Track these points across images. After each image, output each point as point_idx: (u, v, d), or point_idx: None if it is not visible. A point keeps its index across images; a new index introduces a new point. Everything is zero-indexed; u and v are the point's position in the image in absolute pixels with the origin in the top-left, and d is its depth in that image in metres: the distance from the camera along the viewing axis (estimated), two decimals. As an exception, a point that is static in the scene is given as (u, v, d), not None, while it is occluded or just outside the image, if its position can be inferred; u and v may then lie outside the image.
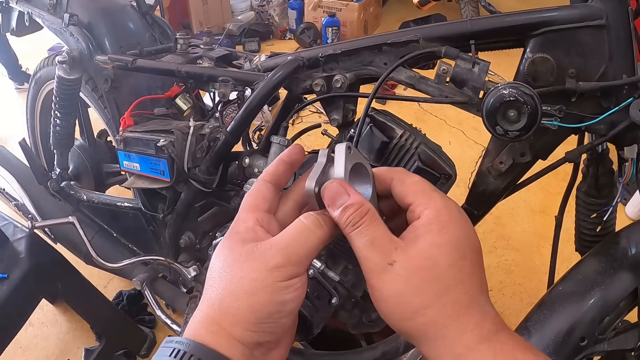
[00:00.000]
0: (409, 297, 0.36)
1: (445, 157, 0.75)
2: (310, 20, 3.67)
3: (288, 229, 0.39)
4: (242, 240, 0.38)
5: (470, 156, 2.24)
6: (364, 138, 0.75)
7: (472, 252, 0.38)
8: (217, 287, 0.37)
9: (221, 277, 0.37)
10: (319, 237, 0.39)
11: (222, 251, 0.39)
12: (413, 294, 0.36)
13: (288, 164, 0.44)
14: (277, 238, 0.38)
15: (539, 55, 0.65)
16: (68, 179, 1.39)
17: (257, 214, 0.40)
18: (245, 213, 0.41)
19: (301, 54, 0.84)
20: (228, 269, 0.37)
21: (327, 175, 0.42)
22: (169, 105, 1.11)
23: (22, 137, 1.36)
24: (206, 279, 0.39)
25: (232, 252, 0.38)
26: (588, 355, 0.68)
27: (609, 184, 0.79)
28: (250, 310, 0.35)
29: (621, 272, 0.69)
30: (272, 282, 0.36)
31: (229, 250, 0.38)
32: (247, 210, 0.41)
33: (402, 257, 0.37)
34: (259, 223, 0.40)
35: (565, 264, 0.79)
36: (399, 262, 0.36)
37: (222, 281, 0.37)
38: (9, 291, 1.09)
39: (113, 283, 1.73)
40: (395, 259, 0.37)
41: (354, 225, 0.38)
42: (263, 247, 0.37)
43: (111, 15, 1.23)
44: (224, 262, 0.38)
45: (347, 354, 1.00)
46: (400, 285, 0.36)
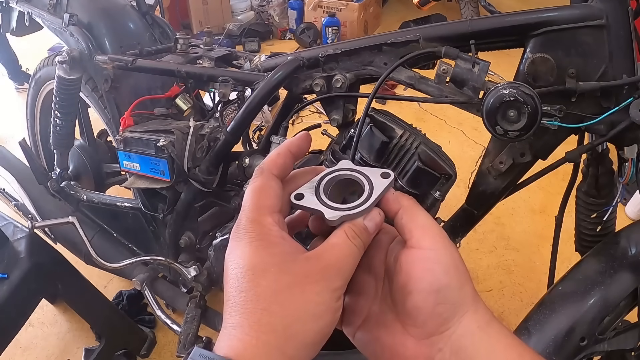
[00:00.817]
0: (463, 266, 0.39)
1: (445, 157, 0.75)
2: (310, 20, 3.67)
3: (338, 247, 0.37)
4: (286, 254, 0.35)
5: (470, 156, 2.23)
6: (364, 138, 0.75)
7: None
8: (278, 312, 0.33)
9: (282, 302, 0.33)
10: (360, 256, 0.38)
11: (268, 268, 0.34)
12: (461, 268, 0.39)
13: (294, 156, 0.41)
14: (331, 256, 0.36)
15: (539, 55, 0.65)
16: (68, 179, 1.39)
17: (275, 217, 0.37)
18: (261, 215, 0.37)
19: (301, 54, 0.84)
20: (288, 292, 0.34)
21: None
22: (169, 105, 1.11)
23: (22, 137, 1.36)
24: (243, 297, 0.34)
25: (285, 272, 0.34)
26: (588, 355, 0.68)
27: (609, 184, 0.79)
28: (317, 334, 0.34)
29: (621, 272, 0.69)
30: (334, 303, 0.35)
31: (277, 268, 0.34)
32: (266, 211, 0.37)
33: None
34: (282, 227, 0.37)
35: (565, 264, 0.79)
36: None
37: (283, 306, 0.33)
38: (9, 291, 1.09)
39: (113, 283, 1.73)
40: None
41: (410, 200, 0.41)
42: (319, 265, 0.35)
43: (111, 15, 1.23)
44: (278, 283, 0.34)
45: (347, 354, 1.00)
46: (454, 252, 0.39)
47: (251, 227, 0.36)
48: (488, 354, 0.37)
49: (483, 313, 0.38)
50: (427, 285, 0.37)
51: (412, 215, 0.40)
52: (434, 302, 0.37)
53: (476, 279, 1.72)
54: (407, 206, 0.40)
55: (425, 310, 0.38)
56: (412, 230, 0.39)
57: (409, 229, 0.39)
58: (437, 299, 0.37)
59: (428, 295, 0.37)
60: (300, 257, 0.36)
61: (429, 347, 0.38)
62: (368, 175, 0.41)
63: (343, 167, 0.42)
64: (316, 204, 0.39)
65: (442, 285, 0.37)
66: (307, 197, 0.40)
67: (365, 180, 0.41)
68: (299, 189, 0.41)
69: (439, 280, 0.37)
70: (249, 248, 0.35)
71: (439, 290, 0.37)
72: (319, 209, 0.39)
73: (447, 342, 0.38)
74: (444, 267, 0.38)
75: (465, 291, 0.38)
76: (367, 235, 0.39)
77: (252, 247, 0.35)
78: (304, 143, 0.42)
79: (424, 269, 0.38)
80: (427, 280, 0.37)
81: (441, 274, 0.37)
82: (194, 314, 1.04)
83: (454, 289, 0.38)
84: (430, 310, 0.37)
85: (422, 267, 0.38)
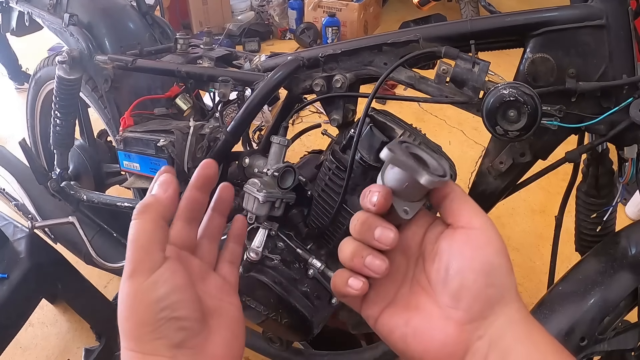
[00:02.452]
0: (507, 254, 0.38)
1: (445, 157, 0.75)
2: (310, 20, 3.67)
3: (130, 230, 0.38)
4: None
5: (470, 156, 2.23)
6: (364, 138, 0.75)
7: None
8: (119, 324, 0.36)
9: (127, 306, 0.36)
10: (151, 220, 0.37)
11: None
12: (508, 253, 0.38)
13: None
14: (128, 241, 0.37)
15: (539, 55, 0.65)
16: (68, 179, 1.39)
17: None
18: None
19: (301, 54, 0.84)
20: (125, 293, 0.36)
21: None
22: (169, 105, 1.11)
23: (22, 137, 1.36)
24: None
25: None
26: (588, 355, 0.68)
27: (609, 184, 0.79)
28: (141, 324, 0.35)
29: (621, 272, 0.69)
30: (138, 287, 0.35)
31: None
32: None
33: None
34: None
35: (565, 264, 0.79)
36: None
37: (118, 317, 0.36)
38: (9, 291, 1.09)
39: (113, 283, 1.73)
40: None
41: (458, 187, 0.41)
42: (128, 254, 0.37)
43: (111, 15, 1.23)
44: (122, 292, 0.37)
45: (347, 354, 1.00)
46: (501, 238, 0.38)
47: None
48: (528, 348, 0.36)
49: (524, 307, 0.38)
50: (479, 265, 0.37)
51: (464, 198, 0.40)
52: (485, 283, 0.36)
53: (476, 279, 1.71)
54: (458, 191, 0.41)
55: (474, 291, 0.36)
56: (464, 211, 0.39)
57: (460, 211, 0.39)
58: (488, 280, 0.36)
59: (478, 275, 0.36)
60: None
61: (469, 333, 0.37)
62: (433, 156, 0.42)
63: (409, 141, 0.43)
64: (413, 164, 0.38)
65: (495, 265, 0.37)
66: (399, 154, 0.39)
67: (434, 160, 0.41)
68: (389, 144, 0.40)
69: (492, 261, 0.37)
70: None
71: (491, 271, 0.36)
72: (417, 168, 0.38)
73: (487, 329, 0.36)
74: (497, 248, 0.37)
75: (511, 278, 0.37)
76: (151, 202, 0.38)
77: None
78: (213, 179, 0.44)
79: (477, 247, 0.37)
80: (479, 259, 0.37)
81: (494, 254, 0.37)
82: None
83: (504, 272, 0.37)
84: (479, 292, 0.36)
85: (475, 245, 0.37)
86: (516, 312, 0.37)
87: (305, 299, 0.83)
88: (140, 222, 0.37)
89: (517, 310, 0.37)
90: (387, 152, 0.39)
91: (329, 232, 0.84)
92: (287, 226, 0.87)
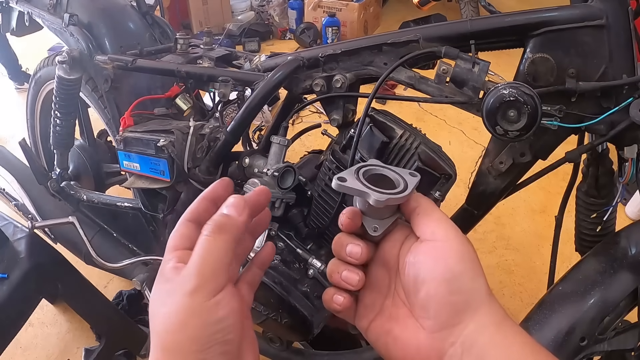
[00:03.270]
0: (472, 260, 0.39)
1: (445, 157, 0.75)
2: (310, 20, 3.67)
3: (195, 248, 0.38)
4: (166, 280, 0.38)
5: (470, 156, 2.23)
6: (364, 138, 0.75)
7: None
8: (155, 332, 0.36)
9: (155, 323, 0.36)
10: (225, 241, 0.38)
11: (152, 297, 0.38)
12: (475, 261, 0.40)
13: (210, 201, 0.43)
14: (188, 263, 0.37)
15: (539, 55, 0.65)
16: (68, 179, 1.39)
17: (177, 253, 0.39)
18: (167, 254, 0.40)
19: (301, 54, 0.84)
20: (157, 311, 0.37)
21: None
22: (169, 105, 1.11)
23: (22, 137, 1.36)
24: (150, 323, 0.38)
25: (156, 292, 0.38)
26: (588, 355, 0.68)
27: (609, 184, 0.79)
28: (190, 341, 0.35)
29: (621, 272, 0.69)
30: (199, 305, 0.35)
31: (156, 292, 0.38)
32: (168, 251, 0.40)
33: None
34: (180, 260, 0.39)
35: (565, 264, 0.79)
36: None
37: (157, 325, 0.36)
38: (9, 291, 1.09)
39: (113, 283, 1.73)
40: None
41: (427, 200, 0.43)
42: (178, 276, 0.37)
43: (111, 15, 1.23)
44: (154, 306, 0.37)
45: (347, 354, 1.00)
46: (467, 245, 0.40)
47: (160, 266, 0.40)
48: (502, 351, 0.37)
49: (497, 309, 0.39)
50: (440, 274, 0.38)
51: (429, 212, 0.42)
52: (447, 291, 0.38)
53: (476, 279, 1.71)
54: (424, 204, 0.43)
55: (438, 299, 0.38)
56: (427, 224, 0.41)
57: (425, 223, 0.41)
58: (450, 287, 0.38)
59: (440, 283, 0.38)
60: (178, 274, 0.37)
61: (441, 340, 0.38)
62: (399, 173, 0.46)
63: (375, 164, 0.47)
64: (361, 187, 0.42)
65: (456, 273, 0.38)
66: (350, 181, 0.43)
67: (398, 176, 0.45)
68: (341, 173, 0.44)
69: (452, 269, 0.38)
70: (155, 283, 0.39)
71: (452, 279, 0.38)
72: (365, 190, 0.41)
73: (459, 336, 0.37)
74: (458, 255, 0.39)
75: (479, 283, 0.39)
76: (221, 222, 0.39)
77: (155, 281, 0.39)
78: (219, 187, 0.44)
79: (437, 258, 0.39)
80: (440, 268, 0.38)
81: (454, 262, 0.38)
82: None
83: (468, 278, 0.38)
84: (443, 299, 0.38)
85: (436, 255, 0.39)
86: (487, 316, 0.38)
87: (305, 299, 0.83)
88: (213, 241, 0.37)
89: (488, 314, 0.38)
90: (335, 182, 0.43)
91: (329, 232, 0.84)
92: (287, 226, 0.87)
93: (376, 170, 0.46)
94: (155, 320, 0.36)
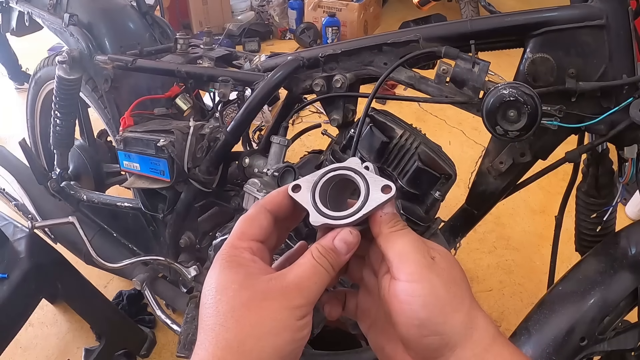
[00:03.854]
0: (448, 295, 0.36)
1: (445, 157, 0.75)
2: (310, 20, 3.67)
3: (302, 267, 0.37)
4: (250, 274, 0.36)
5: (470, 156, 2.23)
6: (364, 138, 0.75)
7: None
8: (234, 328, 0.34)
9: (238, 318, 0.34)
10: (330, 275, 0.38)
11: (230, 285, 0.35)
12: (451, 292, 0.37)
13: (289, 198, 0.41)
14: (293, 276, 0.36)
15: (539, 55, 0.65)
16: (68, 179, 1.39)
17: (253, 244, 0.38)
18: (240, 240, 0.38)
19: (301, 54, 0.84)
20: (244, 308, 0.34)
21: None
22: (169, 105, 1.11)
23: (22, 137, 1.36)
24: (207, 313, 0.35)
25: (244, 288, 0.35)
26: (588, 355, 0.68)
27: (609, 184, 0.79)
28: (274, 351, 0.34)
29: (621, 272, 0.69)
30: (294, 322, 0.35)
31: (238, 285, 0.35)
32: (240, 237, 0.38)
33: (437, 254, 0.38)
34: (255, 253, 0.38)
35: (565, 264, 0.79)
36: (437, 257, 0.38)
37: (239, 322, 0.34)
38: (9, 291, 1.09)
39: (113, 283, 1.73)
40: (434, 255, 0.38)
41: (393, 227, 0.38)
42: (279, 284, 0.36)
43: (111, 15, 1.23)
44: (236, 299, 0.35)
45: (347, 354, 1.00)
46: (442, 280, 0.36)
47: (226, 251, 0.38)
48: None
49: (480, 338, 0.36)
50: (406, 320, 0.36)
51: (390, 243, 0.38)
52: (418, 335, 0.36)
53: (476, 279, 1.72)
54: (385, 233, 0.38)
55: (412, 340, 0.37)
56: (390, 259, 0.38)
57: (387, 258, 0.38)
58: (420, 331, 0.36)
59: (410, 328, 0.36)
60: (264, 277, 0.36)
61: None
62: (369, 183, 0.39)
63: (348, 167, 0.40)
64: (307, 202, 0.39)
65: (422, 319, 0.36)
66: (303, 190, 0.40)
67: (364, 189, 0.39)
68: (298, 180, 0.40)
69: (417, 314, 0.36)
70: (219, 269, 0.36)
71: (420, 325, 0.36)
72: (307, 207, 0.39)
73: None
74: (422, 300, 0.36)
75: (452, 323, 0.36)
76: (334, 256, 0.38)
77: (221, 268, 0.36)
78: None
79: (402, 302, 0.36)
80: (406, 314, 0.36)
81: (419, 308, 0.36)
82: (194, 314, 1.04)
83: (436, 322, 0.36)
84: (416, 341, 0.37)
85: (400, 299, 0.36)
86: (467, 350, 0.36)
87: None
88: (322, 269, 0.37)
89: (469, 348, 0.36)
90: (289, 189, 0.40)
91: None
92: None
93: (346, 176, 0.40)
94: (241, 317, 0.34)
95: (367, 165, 0.41)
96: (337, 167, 0.41)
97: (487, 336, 0.37)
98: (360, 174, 0.40)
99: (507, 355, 0.36)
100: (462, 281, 0.38)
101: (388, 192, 0.38)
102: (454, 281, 0.37)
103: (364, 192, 0.39)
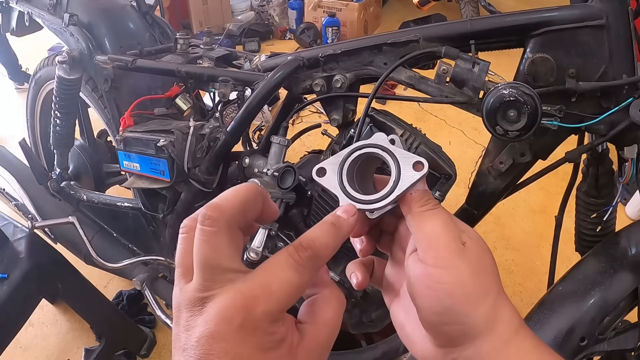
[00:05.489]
0: (475, 285, 0.35)
1: (445, 157, 0.76)
2: (310, 20, 3.67)
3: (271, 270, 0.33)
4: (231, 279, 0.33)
5: (470, 156, 2.23)
6: (364, 138, 0.75)
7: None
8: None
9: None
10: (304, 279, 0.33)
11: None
12: (479, 282, 0.35)
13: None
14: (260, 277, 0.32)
15: (539, 55, 0.65)
16: (68, 179, 1.39)
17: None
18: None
19: (301, 54, 0.84)
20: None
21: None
22: (169, 105, 1.11)
23: (22, 137, 1.36)
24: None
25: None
26: (588, 355, 0.68)
27: (609, 184, 0.79)
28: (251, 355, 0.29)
29: (621, 272, 0.69)
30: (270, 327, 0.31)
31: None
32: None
33: (468, 238, 0.36)
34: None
35: (565, 264, 0.79)
36: (469, 243, 0.36)
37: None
38: (9, 291, 1.09)
39: (113, 283, 1.73)
40: (465, 240, 0.36)
41: (424, 206, 0.36)
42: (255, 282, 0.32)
43: (111, 15, 1.23)
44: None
45: (347, 354, 1.00)
46: (471, 269, 0.35)
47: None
48: None
49: (502, 330, 0.35)
50: (429, 305, 0.35)
51: (420, 223, 0.36)
52: (438, 322, 0.35)
53: (476, 279, 1.71)
54: (415, 212, 0.37)
55: (432, 326, 0.36)
56: (418, 240, 0.36)
57: (416, 238, 0.36)
58: (441, 319, 0.35)
59: (431, 314, 0.35)
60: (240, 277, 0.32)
61: (443, 354, 0.37)
62: (399, 161, 0.37)
63: (375, 144, 0.38)
64: (334, 187, 0.37)
65: (445, 307, 0.34)
66: (328, 174, 0.37)
67: (395, 167, 0.36)
68: (322, 163, 0.38)
69: (441, 302, 0.34)
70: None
71: (442, 313, 0.35)
72: (335, 192, 0.37)
73: (460, 354, 0.36)
74: (448, 288, 0.34)
75: (476, 314, 0.34)
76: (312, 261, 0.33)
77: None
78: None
79: (427, 287, 0.35)
80: (429, 300, 0.35)
81: (444, 296, 0.34)
82: (194, 314, 1.03)
83: (459, 313, 0.34)
84: (436, 328, 0.36)
85: (425, 284, 0.35)
86: (487, 344, 0.35)
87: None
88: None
89: (488, 341, 0.35)
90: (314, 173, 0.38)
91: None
92: (287, 226, 0.87)
93: (374, 154, 0.38)
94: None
95: (392, 138, 0.38)
96: (362, 144, 0.38)
97: (510, 329, 0.35)
98: (389, 151, 0.37)
99: (529, 348, 0.35)
100: (491, 271, 0.36)
101: (420, 170, 0.36)
102: (483, 270, 0.36)
103: (395, 171, 0.36)
